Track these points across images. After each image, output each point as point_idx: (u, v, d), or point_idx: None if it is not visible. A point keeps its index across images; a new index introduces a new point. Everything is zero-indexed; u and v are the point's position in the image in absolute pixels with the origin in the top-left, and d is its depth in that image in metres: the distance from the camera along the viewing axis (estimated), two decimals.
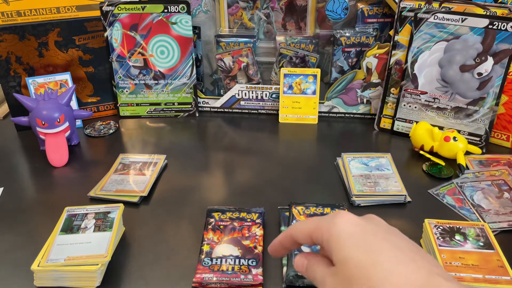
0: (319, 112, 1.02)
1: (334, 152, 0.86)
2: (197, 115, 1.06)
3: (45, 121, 0.83)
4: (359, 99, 1.01)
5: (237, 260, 0.59)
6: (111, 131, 0.98)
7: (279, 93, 1.01)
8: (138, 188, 0.76)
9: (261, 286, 0.56)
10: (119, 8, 0.95)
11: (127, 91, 1.03)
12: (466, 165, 0.82)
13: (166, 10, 0.96)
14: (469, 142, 0.86)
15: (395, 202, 0.73)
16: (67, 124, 0.86)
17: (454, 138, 0.82)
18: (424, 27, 0.87)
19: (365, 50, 0.96)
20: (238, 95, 1.04)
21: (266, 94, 1.03)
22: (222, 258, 0.60)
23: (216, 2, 1.01)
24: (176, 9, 0.96)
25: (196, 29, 1.02)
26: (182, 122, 1.04)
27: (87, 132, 0.98)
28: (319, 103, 1.01)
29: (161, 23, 0.97)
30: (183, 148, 0.92)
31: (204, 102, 1.06)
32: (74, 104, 0.95)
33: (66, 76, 0.96)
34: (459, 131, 0.89)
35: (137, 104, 1.04)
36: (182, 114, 1.06)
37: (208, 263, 0.59)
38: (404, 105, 0.93)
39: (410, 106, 0.93)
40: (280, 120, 1.02)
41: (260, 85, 1.03)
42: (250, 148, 0.92)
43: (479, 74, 0.84)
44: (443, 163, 0.83)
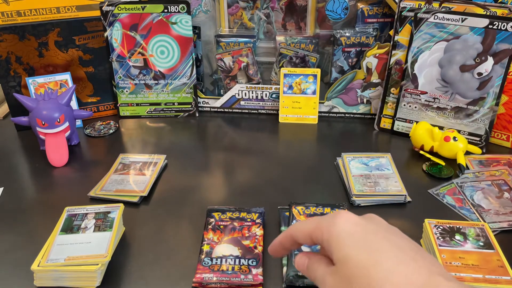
0: (319, 112, 1.02)
1: (334, 152, 0.86)
2: (197, 115, 1.06)
3: (45, 121, 0.83)
4: (359, 99, 1.01)
5: (237, 260, 0.59)
6: (111, 131, 0.98)
7: (279, 93, 1.01)
8: (138, 188, 0.76)
9: (261, 286, 0.56)
10: (119, 8, 0.95)
11: (127, 91, 1.03)
12: (466, 165, 0.82)
13: (166, 10, 0.96)
14: (469, 142, 0.86)
15: (395, 202, 0.73)
16: (67, 124, 0.86)
17: (454, 138, 0.82)
18: (424, 27, 0.87)
19: (365, 50, 0.96)
20: (238, 95, 1.04)
21: (266, 94, 1.03)
22: (222, 258, 0.60)
23: (216, 2, 1.01)
24: (176, 9, 0.96)
25: (196, 29, 1.02)
26: (182, 122, 1.04)
27: (87, 132, 0.98)
28: (319, 103, 1.01)
29: (161, 23, 0.97)
30: (183, 148, 0.92)
31: (204, 102, 1.06)
32: (74, 104, 0.95)
33: (66, 76, 0.96)
34: (459, 131, 0.89)
35: (137, 104, 1.04)
36: (182, 114, 1.06)
37: (208, 263, 0.59)
38: (404, 105, 0.93)
39: (410, 106, 0.93)
40: (280, 120, 1.02)
41: (260, 85, 1.03)
42: (250, 148, 0.92)
43: (479, 74, 0.84)
44: (443, 163, 0.83)
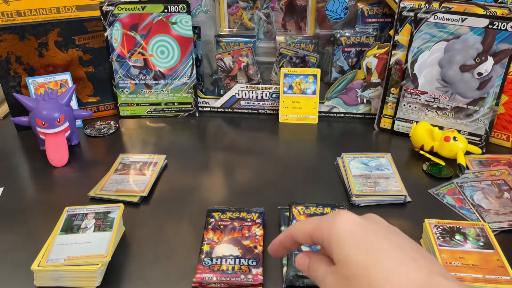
0: (319, 112, 1.02)
1: (334, 152, 0.86)
2: (197, 115, 1.06)
3: (45, 121, 0.83)
4: (359, 99, 1.01)
5: (237, 260, 0.59)
6: (111, 131, 0.98)
7: (279, 93, 1.01)
8: (138, 188, 0.76)
9: (261, 286, 0.56)
10: (119, 8, 0.95)
11: (127, 91, 1.03)
12: (466, 165, 0.82)
13: (166, 10, 0.96)
14: (469, 142, 0.86)
15: (395, 202, 0.73)
16: (67, 124, 0.86)
17: (454, 138, 0.82)
18: (424, 27, 0.87)
19: (365, 50, 0.96)
20: (238, 95, 1.04)
21: (266, 94, 1.03)
22: (222, 258, 0.60)
23: (216, 2, 1.01)
24: (176, 9, 0.96)
25: (196, 29, 1.02)
26: (182, 122, 1.04)
27: (87, 132, 0.98)
28: (319, 103, 1.01)
29: (161, 23, 0.97)
30: (183, 148, 0.92)
31: (204, 102, 1.06)
32: (74, 104, 0.95)
33: (66, 76, 0.96)
34: (459, 131, 0.89)
35: (137, 104, 1.04)
36: (182, 114, 1.06)
37: (208, 263, 0.59)
38: (404, 105, 0.93)
39: (410, 106, 0.93)
40: (280, 120, 1.02)
41: (260, 85, 1.03)
42: (250, 148, 0.92)
43: (479, 74, 0.84)
44: (443, 163, 0.83)
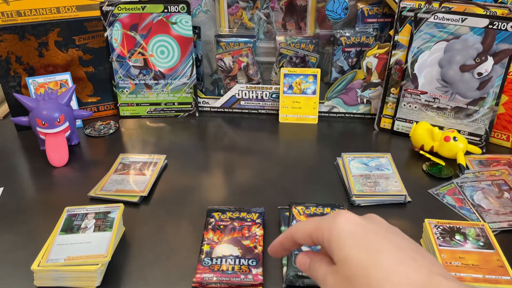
0: (319, 112, 1.02)
1: (334, 152, 0.86)
2: (197, 115, 1.06)
3: (45, 121, 0.83)
4: (359, 99, 1.01)
5: (237, 260, 0.59)
6: (111, 131, 0.98)
7: (279, 93, 1.01)
8: (138, 188, 0.76)
9: (261, 286, 0.56)
10: (119, 8, 0.95)
11: (127, 91, 1.03)
12: (466, 165, 0.82)
13: (166, 10, 0.96)
14: (469, 142, 0.86)
15: (395, 202, 0.73)
16: (67, 124, 0.86)
17: (454, 138, 0.82)
18: (424, 27, 0.87)
19: (365, 50, 0.96)
20: (238, 95, 1.04)
21: (266, 94, 1.03)
22: (222, 258, 0.60)
23: (216, 2, 1.01)
24: (176, 9, 0.96)
25: (196, 29, 1.02)
26: (182, 122, 1.04)
27: (87, 132, 0.97)
28: (319, 103, 1.01)
29: (161, 23, 0.97)
30: (183, 148, 0.92)
31: (204, 102, 1.06)
32: (74, 104, 0.95)
33: (66, 76, 0.96)
34: (459, 131, 0.89)
35: (137, 104, 1.04)
36: (182, 114, 1.06)
37: (208, 263, 0.59)
38: (404, 105, 0.93)
39: (410, 106, 0.93)
40: (280, 120, 1.02)
41: (260, 85, 1.03)
42: (250, 148, 0.92)
43: (479, 74, 0.84)
44: (443, 163, 0.83)
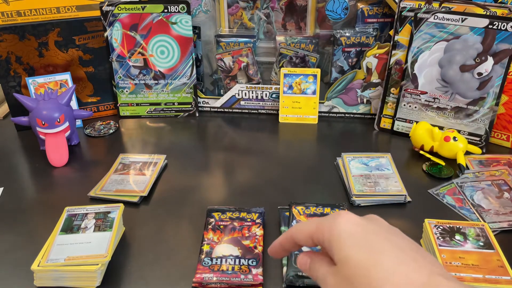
0: (319, 112, 1.02)
1: (334, 152, 0.86)
2: (197, 115, 1.06)
3: (45, 121, 0.83)
4: (359, 99, 1.01)
5: (237, 260, 0.59)
6: (111, 131, 0.98)
7: (279, 93, 1.01)
8: (138, 188, 0.76)
9: (261, 286, 0.56)
10: (119, 8, 0.95)
11: (127, 91, 1.03)
12: (466, 165, 0.82)
13: (166, 10, 0.96)
14: (469, 142, 0.86)
15: (395, 202, 0.73)
16: (67, 124, 0.86)
17: (454, 138, 0.82)
18: (424, 27, 0.87)
19: (365, 50, 0.96)
20: (238, 95, 1.04)
21: (266, 94, 1.03)
22: (222, 258, 0.60)
23: (216, 2, 1.01)
24: (176, 9, 0.96)
25: (196, 29, 1.02)
26: (182, 122, 1.04)
27: (87, 132, 0.97)
28: (319, 103, 1.01)
29: (161, 23, 0.97)
30: (183, 148, 0.92)
31: (204, 102, 1.06)
32: (74, 104, 0.95)
33: (66, 76, 0.96)
34: (459, 131, 0.89)
35: (137, 104, 1.04)
36: (182, 114, 1.06)
37: (208, 263, 0.59)
38: (404, 105, 0.93)
39: (410, 106, 0.93)
40: (280, 120, 1.02)
41: (260, 85, 1.03)
42: (250, 148, 0.92)
43: (479, 74, 0.84)
44: (443, 163, 0.83)
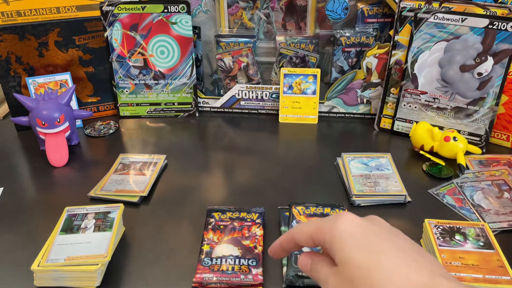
0: (319, 112, 1.02)
1: (334, 152, 0.86)
2: (197, 115, 1.06)
3: (45, 121, 0.83)
4: (359, 99, 1.01)
5: (237, 260, 0.59)
6: (111, 131, 0.98)
7: (279, 93, 1.01)
8: (138, 188, 0.76)
9: (261, 286, 0.56)
10: (119, 8, 0.95)
11: (127, 91, 1.03)
12: (466, 165, 0.82)
13: (166, 10, 0.96)
14: (469, 142, 0.86)
15: (395, 202, 0.73)
16: (67, 124, 0.86)
17: (454, 138, 0.82)
18: (424, 27, 0.87)
19: (365, 50, 0.96)
20: (238, 95, 1.04)
21: (266, 94, 1.03)
22: (222, 258, 0.60)
23: (216, 2, 1.01)
24: (176, 9, 0.96)
25: (196, 29, 1.02)
26: (182, 122, 1.04)
27: (87, 132, 0.97)
28: (319, 103, 1.01)
29: (161, 23, 0.97)
30: (183, 148, 0.92)
31: (204, 102, 1.06)
32: (74, 104, 0.95)
33: (66, 76, 0.96)
34: (459, 131, 0.89)
35: (137, 104, 1.04)
36: (182, 114, 1.06)
37: (208, 263, 0.59)
38: (404, 105, 0.93)
39: (410, 106, 0.93)
40: (280, 120, 1.02)
41: (260, 85, 1.03)
42: (250, 148, 0.92)
43: (479, 74, 0.84)
44: (443, 163, 0.83)
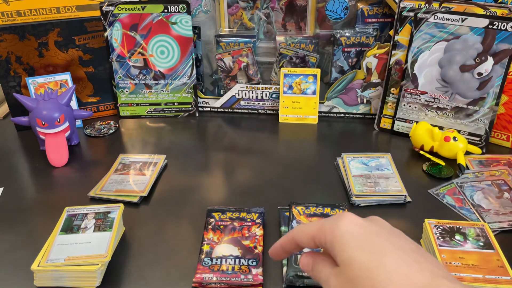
0: (319, 112, 1.02)
1: (334, 152, 0.86)
2: (197, 115, 1.06)
3: (45, 121, 0.83)
4: (359, 99, 1.01)
5: (237, 260, 0.59)
6: (111, 131, 0.98)
7: (279, 93, 1.01)
8: (138, 188, 0.76)
9: (261, 286, 0.56)
10: (119, 8, 0.95)
11: (127, 91, 1.03)
12: (466, 165, 0.82)
13: (166, 10, 0.96)
14: (469, 142, 0.86)
15: (395, 202, 0.73)
16: (67, 124, 0.86)
17: (454, 138, 0.82)
18: (424, 27, 0.87)
19: (365, 50, 0.96)
20: (238, 95, 1.04)
21: (266, 94, 1.03)
22: (222, 258, 0.60)
23: (216, 2, 1.01)
24: (176, 9, 0.96)
25: (196, 29, 1.02)
26: (182, 122, 1.04)
27: (87, 132, 0.97)
28: (319, 103, 1.01)
29: (161, 23, 0.97)
30: (183, 148, 0.92)
31: (204, 102, 1.06)
32: (74, 104, 0.95)
33: (66, 76, 0.96)
34: (459, 131, 0.89)
35: (137, 104, 1.04)
36: (182, 114, 1.06)
37: (208, 263, 0.59)
38: (404, 105, 0.93)
39: (410, 106, 0.93)
40: (280, 120, 1.02)
41: (260, 85, 1.03)
42: (250, 148, 0.92)
43: (479, 74, 0.84)
44: (443, 163, 0.83)
